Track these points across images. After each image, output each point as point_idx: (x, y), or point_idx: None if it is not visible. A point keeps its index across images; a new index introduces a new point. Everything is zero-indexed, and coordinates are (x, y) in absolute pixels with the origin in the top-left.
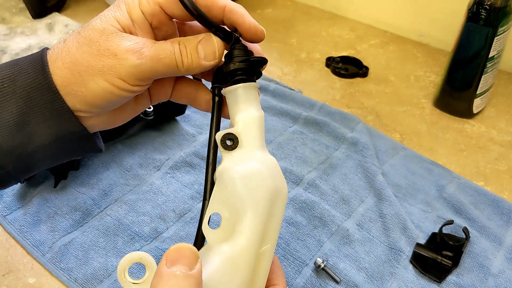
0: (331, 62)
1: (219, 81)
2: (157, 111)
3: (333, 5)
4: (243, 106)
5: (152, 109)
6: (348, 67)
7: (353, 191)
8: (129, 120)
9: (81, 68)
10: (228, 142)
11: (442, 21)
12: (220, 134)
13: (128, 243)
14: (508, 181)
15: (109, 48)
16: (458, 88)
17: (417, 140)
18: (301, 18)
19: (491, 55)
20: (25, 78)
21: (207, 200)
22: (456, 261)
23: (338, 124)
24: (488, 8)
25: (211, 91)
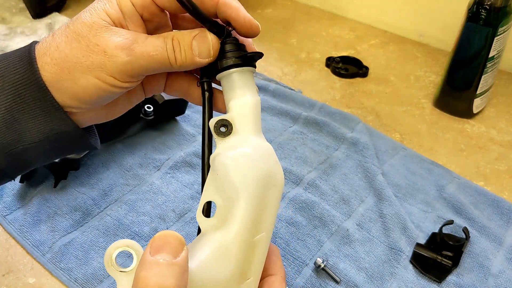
0: (331, 62)
1: (208, 75)
2: (157, 111)
3: (333, 5)
4: (238, 91)
5: (152, 109)
6: (348, 67)
7: (353, 191)
8: (129, 120)
9: (71, 64)
10: (222, 128)
11: (442, 21)
12: (214, 121)
13: None
14: (508, 181)
15: (98, 44)
16: (458, 88)
17: (417, 140)
18: (301, 18)
19: (491, 55)
20: (13, 74)
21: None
22: (456, 261)
23: (338, 124)
24: (488, 8)
25: (200, 85)
